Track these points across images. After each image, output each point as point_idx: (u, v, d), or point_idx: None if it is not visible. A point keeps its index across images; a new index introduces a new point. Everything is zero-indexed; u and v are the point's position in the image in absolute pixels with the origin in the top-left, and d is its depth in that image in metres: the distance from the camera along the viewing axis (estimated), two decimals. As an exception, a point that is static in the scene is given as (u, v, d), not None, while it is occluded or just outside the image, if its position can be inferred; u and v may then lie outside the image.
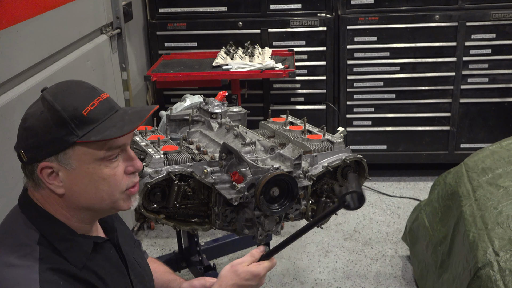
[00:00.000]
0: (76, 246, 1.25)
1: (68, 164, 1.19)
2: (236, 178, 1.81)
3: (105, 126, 1.21)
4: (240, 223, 1.88)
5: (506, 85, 3.50)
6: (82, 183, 1.22)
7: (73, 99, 1.20)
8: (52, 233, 1.23)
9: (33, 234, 1.22)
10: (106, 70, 2.80)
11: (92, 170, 1.21)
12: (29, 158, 1.20)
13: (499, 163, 2.28)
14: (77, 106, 1.19)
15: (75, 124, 1.18)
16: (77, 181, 1.21)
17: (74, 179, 1.21)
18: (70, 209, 1.25)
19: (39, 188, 1.23)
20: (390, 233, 3.21)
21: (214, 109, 2.18)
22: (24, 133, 1.20)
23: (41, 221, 1.24)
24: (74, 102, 1.19)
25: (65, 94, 1.21)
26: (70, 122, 1.18)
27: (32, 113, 1.20)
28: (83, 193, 1.23)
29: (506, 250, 1.83)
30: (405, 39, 3.45)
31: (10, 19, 1.93)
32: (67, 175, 1.21)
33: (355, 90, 3.58)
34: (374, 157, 3.67)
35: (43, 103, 1.20)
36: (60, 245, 1.22)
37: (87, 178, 1.22)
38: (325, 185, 2.01)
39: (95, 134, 1.19)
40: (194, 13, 3.52)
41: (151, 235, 3.27)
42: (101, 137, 1.19)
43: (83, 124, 1.19)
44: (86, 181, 1.22)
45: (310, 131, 2.14)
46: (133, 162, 1.28)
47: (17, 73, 2.00)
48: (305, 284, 2.80)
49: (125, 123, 1.22)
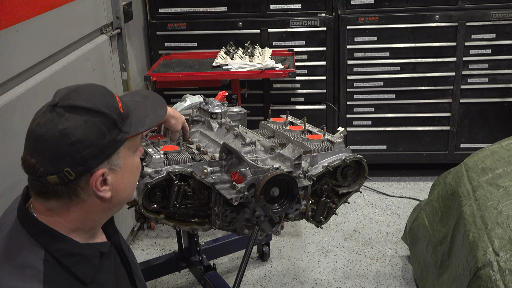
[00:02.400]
0: (84, 260, 1.22)
1: (117, 164, 1.21)
2: (236, 178, 1.82)
3: (139, 117, 1.25)
4: (240, 223, 1.88)
5: (506, 85, 3.50)
6: (126, 178, 1.25)
7: (107, 99, 1.20)
8: (57, 249, 1.20)
9: (38, 251, 1.18)
10: (106, 70, 2.80)
11: (132, 162, 1.26)
12: (79, 172, 1.15)
13: (499, 163, 2.28)
14: (115, 104, 1.21)
15: (120, 123, 1.20)
16: (123, 179, 1.23)
17: (120, 177, 1.22)
18: (104, 212, 1.25)
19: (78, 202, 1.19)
20: (390, 233, 3.21)
21: (214, 109, 2.18)
22: (71, 149, 1.13)
23: (45, 237, 1.20)
24: (110, 102, 1.20)
25: (98, 97, 1.19)
26: (118, 121, 1.19)
27: (73, 125, 1.13)
28: (126, 188, 1.26)
29: (506, 250, 1.84)
30: (405, 39, 3.45)
31: (10, 19, 1.93)
32: (114, 176, 1.21)
33: (355, 90, 3.58)
34: (374, 157, 3.68)
35: (80, 113, 1.14)
36: (67, 261, 1.20)
37: (129, 172, 1.25)
38: (325, 185, 2.02)
39: (138, 126, 1.24)
40: (194, 13, 3.52)
41: (151, 235, 3.27)
42: (146, 127, 1.25)
43: (123, 120, 1.21)
44: (129, 175, 1.25)
45: (310, 131, 2.14)
46: (140, 147, 1.33)
47: (17, 73, 2.00)
48: (305, 284, 2.80)
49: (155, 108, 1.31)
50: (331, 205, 2.04)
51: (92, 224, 1.26)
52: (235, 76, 3.08)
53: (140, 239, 3.23)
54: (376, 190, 3.67)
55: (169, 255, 2.76)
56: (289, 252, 3.07)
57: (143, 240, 3.22)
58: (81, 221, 1.23)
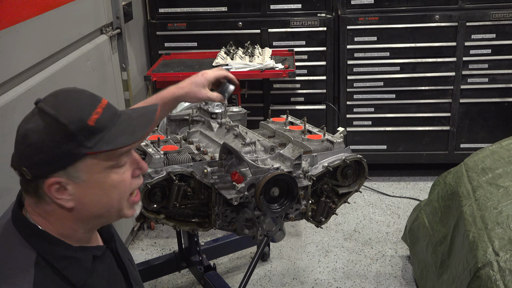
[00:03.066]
0: (76, 263, 1.21)
1: (77, 177, 1.15)
2: (236, 178, 1.82)
3: (114, 133, 1.17)
4: (240, 223, 1.88)
5: (506, 85, 3.50)
6: (93, 194, 1.18)
7: (76, 110, 1.15)
8: (49, 252, 1.19)
9: (30, 254, 1.17)
10: (106, 70, 2.80)
11: (103, 179, 1.18)
12: (35, 175, 1.15)
13: (499, 163, 2.28)
14: (83, 117, 1.14)
15: (83, 136, 1.13)
16: (88, 193, 1.18)
17: (84, 191, 1.17)
18: (78, 222, 1.21)
19: (43, 203, 1.19)
20: (390, 233, 3.21)
21: (214, 109, 2.19)
22: (27, 150, 1.14)
23: (37, 240, 1.19)
24: (78, 113, 1.14)
25: (67, 105, 1.15)
26: (78, 134, 1.13)
27: (34, 128, 1.14)
28: (94, 203, 1.20)
29: (506, 250, 1.84)
30: (405, 39, 3.45)
31: (10, 19, 1.93)
32: (76, 188, 1.16)
33: (355, 90, 3.58)
34: (374, 157, 3.67)
35: (43, 117, 1.14)
36: (59, 264, 1.19)
37: (97, 189, 1.18)
38: (325, 185, 2.02)
39: (105, 143, 1.15)
40: (194, 13, 3.52)
41: (151, 235, 3.27)
42: (113, 146, 1.15)
43: (91, 134, 1.14)
44: (97, 191, 1.18)
45: (310, 131, 2.14)
46: (139, 164, 1.24)
47: (17, 73, 2.00)
48: (305, 284, 2.80)
49: (135, 129, 1.19)
50: (331, 205, 2.04)
51: (73, 232, 1.23)
52: (235, 76, 3.08)
53: (140, 239, 3.23)
54: (376, 190, 3.67)
55: (169, 255, 2.76)
56: (289, 252, 3.07)
57: (143, 240, 3.22)
58: (61, 226, 1.21)
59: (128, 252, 1.51)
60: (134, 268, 1.48)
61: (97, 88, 2.66)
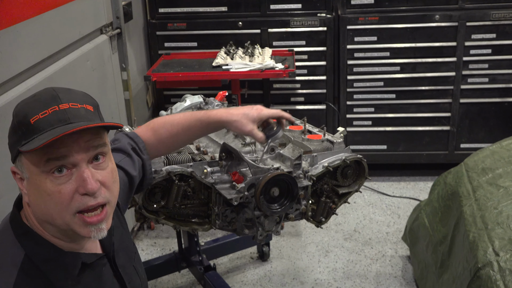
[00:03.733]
0: (61, 267, 1.19)
1: (23, 172, 1.15)
2: (236, 178, 1.82)
3: (42, 137, 1.10)
4: (240, 223, 1.88)
5: (506, 85, 3.50)
6: (34, 194, 1.15)
7: (29, 106, 1.14)
8: (36, 253, 1.17)
9: (18, 253, 1.16)
10: (106, 70, 2.80)
11: (38, 183, 1.13)
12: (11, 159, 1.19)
13: (499, 163, 2.28)
14: (28, 113, 1.12)
15: (22, 132, 1.12)
16: (31, 192, 1.16)
17: (29, 189, 1.16)
18: (38, 220, 1.19)
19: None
20: (390, 233, 3.20)
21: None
22: None
23: (26, 239, 1.18)
24: (28, 109, 1.13)
25: (27, 101, 1.16)
26: (18, 129, 1.13)
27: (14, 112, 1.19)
28: (36, 205, 1.16)
29: (506, 250, 1.83)
30: (405, 39, 3.45)
31: (10, 19, 1.93)
32: (26, 184, 1.17)
33: (355, 90, 3.58)
34: (374, 157, 3.67)
35: None
36: (44, 266, 1.16)
37: (35, 190, 1.14)
38: (325, 185, 2.02)
39: (29, 144, 1.10)
40: (194, 13, 3.52)
41: (151, 235, 3.27)
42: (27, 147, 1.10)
43: (29, 132, 1.11)
44: (36, 193, 1.15)
45: (310, 131, 2.14)
46: (84, 182, 1.12)
47: (17, 73, 2.00)
48: (305, 284, 2.80)
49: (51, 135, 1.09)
50: (331, 205, 2.04)
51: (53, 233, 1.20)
52: (235, 76, 3.08)
53: (140, 239, 3.23)
54: (376, 190, 3.67)
55: (169, 255, 2.76)
56: (289, 252, 3.07)
57: (143, 240, 3.22)
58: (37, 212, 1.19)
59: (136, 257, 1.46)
60: (139, 276, 1.42)
61: (97, 88, 2.66)
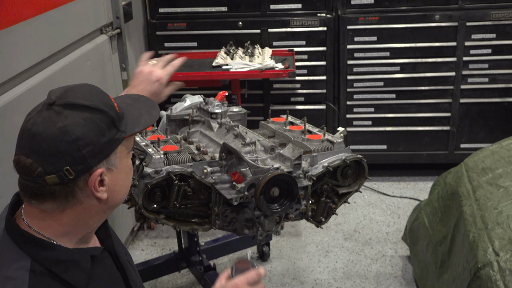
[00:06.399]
0: (74, 265, 1.19)
1: (114, 164, 1.19)
2: (236, 178, 1.82)
3: (133, 117, 1.25)
4: (240, 223, 1.88)
5: (506, 85, 3.50)
6: (121, 179, 1.23)
7: (103, 98, 1.19)
8: (44, 257, 1.16)
9: (25, 261, 1.15)
10: (106, 70, 2.80)
11: (126, 163, 1.25)
12: (79, 171, 1.12)
13: (499, 163, 2.28)
14: (112, 104, 1.20)
15: (119, 121, 1.19)
16: (118, 179, 1.22)
17: (116, 178, 1.21)
18: (100, 213, 1.22)
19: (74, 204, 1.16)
20: (390, 233, 3.21)
21: (214, 109, 2.18)
22: (70, 147, 1.10)
23: (30, 246, 1.16)
24: (107, 101, 1.19)
25: (94, 96, 1.18)
26: (116, 120, 1.18)
27: (73, 123, 1.11)
28: (121, 189, 1.25)
29: (506, 250, 1.83)
30: (405, 39, 3.45)
31: (10, 19, 1.93)
32: (111, 177, 1.19)
33: (355, 90, 3.58)
34: (374, 157, 3.67)
35: (79, 110, 1.12)
36: (56, 268, 1.16)
37: (124, 173, 1.24)
38: (325, 185, 2.02)
39: (134, 125, 1.23)
40: (194, 13, 3.52)
41: (151, 235, 3.27)
42: (142, 126, 1.24)
43: (120, 119, 1.20)
44: (123, 176, 1.24)
45: (310, 131, 2.14)
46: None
47: (17, 73, 2.00)
48: (305, 284, 2.80)
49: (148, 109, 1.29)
50: (331, 205, 2.04)
51: (85, 228, 1.22)
52: (235, 76, 3.08)
53: (140, 239, 3.23)
54: (376, 190, 3.67)
55: (169, 255, 2.76)
56: (289, 252, 3.07)
57: (143, 240, 3.22)
58: (73, 224, 1.19)
59: (127, 252, 1.50)
60: (134, 269, 1.47)
61: (97, 88, 2.66)
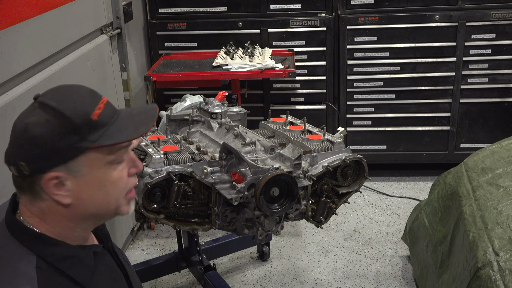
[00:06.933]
0: (79, 261, 1.21)
1: (77, 171, 1.15)
2: (236, 178, 1.82)
3: (116, 128, 1.18)
4: (240, 223, 1.88)
5: (506, 85, 3.50)
6: (91, 189, 1.18)
7: (80, 104, 1.16)
8: (50, 254, 1.18)
9: (30, 259, 1.16)
10: (106, 70, 2.80)
11: (103, 175, 1.18)
12: (33, 169, 1.13)
13: (499, 163, 2.28)
14: (86, 111, 1.15)
15: (87, 130, 1.14)
16: (87, 188, 1.18)
17: (83, 186, 1.17)
18: (74, 219, 1.21)
19: (39, 201, 1.17)
20: (390, 233, 3.21)
21: (214, 109, 2.19)
22: (27, 144, 1.13)
23: (36, 243, 1.18)
24: (83, 107, 1.16)
25: (70, 99, 1.16)
26: (82, 128, 1.14)
27: (35, 122, 1.13)
28: (93, 199, 1.19)
29: (506, 250, 1.84)
30: (405, 39, 3.45)
31: (10, 19, 1.93)
32: (75, 183, 1.16)
33: (355, 90, 3.58)
34: (374, 157, 3.67)
35: (46, 110, 1.14)
36: (61, 265, 1.18)
37: (97, 184, 1.18)
38: (325, 185, 2.02)
39: (108, 138, 1.16)
40: (194, 13, 3.52)
41: (151, 235, 3.27)
42: (116, 140, 1.17)
43: (94, 128, 1.15)
44: (96, 187, 1.18)
45: (310, 131, 2.14)
46: (135, 163, 1.26)
47: (17, 73, 2.00)
48: (305, 284, 2.80)
49: (137, 124, 1.21)
50: (331, 205, 2.04)
51: (70, 231, 1.22)
52: (235, 76, 3.08)
53: (140, 239, 3.23)
54: (376, 190, 3.67)
55: (169, 255, 2.76)
56: (289, 252, 3.07)
57: (143, 240, 3.22)
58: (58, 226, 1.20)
59: (123, 253, 1.51)
60: (132, 271, 1.48)
61: (97, 88, 2.63)
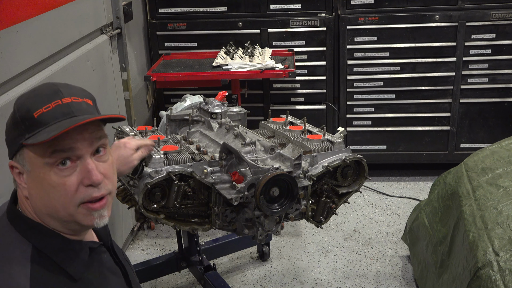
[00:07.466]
0: (73, 255, 1.21)
1: (24, 165, 1.17)
2: (236, 178, 1.82)
3: (49, 130, 1.13)
4: (240, 223, 1.88)
5: (506, 85, 3.50)
6: (36, 187, 1.17)
7: (31, 101, 1.17)
8: (46, 245, 1.19)
9: (26, 248, 1.17)
10: (106, 70, 2.80)
11: (42, 175, 1.15)
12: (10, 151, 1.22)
13: (499, 163, 2.28)
14: (31, 108, 1.15)
15: (25, 126, 1.15)
16: (33, 185, 1.18)
17: (31, 182, 1.18)
18: (40, 215, 1.20)
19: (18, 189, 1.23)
20: (390, 233, 3.21)
21: (214, 109, 2.19)
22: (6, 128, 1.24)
23: (32, 233, 1.19)
24: (30, 104, 1.16)
25: (28, 95, 1.19)
26: (21, 123, 1.15)
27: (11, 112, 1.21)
28: (39, 198, 1.18)
29: (506, 250, 1.84)
30: (405, 39, 3.45)
31: (10, 19, 1.93)
32: (27, 177, 1.18)
33: (355, 90, 3.58)
34: (374, 157, 3.68)
35: None
36: (56, 257, 1.19)
37: (39, 183, 1.16)
38: (325, 185, 2.02)
39: (35, 137, 1.13)
40: (194, 13, 3.52)
41: (151, 235, 3.27)
42: (34, 140, 1.13)
43: (31, 126, 1.14)
44: (39, 186, 1.16)
45: (310, 131, 2.14)
46: (88, 173, 1.16)
47: (17, 73, 2.00)
48: (305, 284, 2.80)
49: (59, 128, 1.12)
50: (331, 205, 2.04)
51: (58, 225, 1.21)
52: (235, 76, 3.08)
53: (140, 239, 3.23)
54: (376, 190, 3.67)
55: (169, 255, 2.76)
56: (289, 252, 3.07)
57: (143, 240, 3.22)
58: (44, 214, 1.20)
59: (124, 253, 1.51)
60: (131, 267, 1.48)
61: (97, 88, 2.66)
